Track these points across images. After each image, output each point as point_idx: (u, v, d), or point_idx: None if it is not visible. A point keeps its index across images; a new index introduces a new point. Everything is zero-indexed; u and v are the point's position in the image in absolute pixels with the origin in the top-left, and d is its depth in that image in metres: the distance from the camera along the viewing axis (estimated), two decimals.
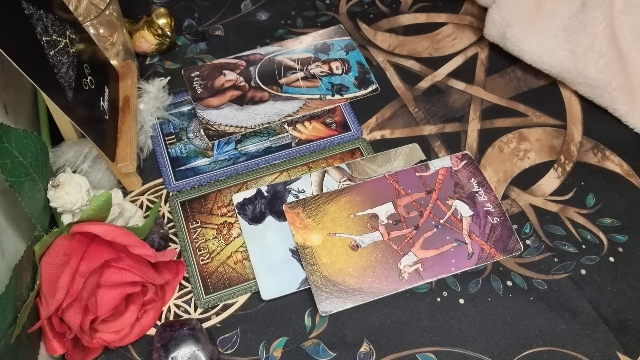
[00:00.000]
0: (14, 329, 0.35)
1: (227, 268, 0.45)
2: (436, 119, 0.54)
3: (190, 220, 0.48)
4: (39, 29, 0.39)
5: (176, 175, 0.51)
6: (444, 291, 0.44)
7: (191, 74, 0.58)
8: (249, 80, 0.57)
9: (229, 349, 0.42)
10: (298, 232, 0.46)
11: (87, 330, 0.38)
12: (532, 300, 0.43)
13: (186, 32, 0.62)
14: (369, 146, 0.52)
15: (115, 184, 0.49)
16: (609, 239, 0.46)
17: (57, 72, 0.40)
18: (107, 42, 0.53)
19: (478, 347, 0.41)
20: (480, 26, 0.61)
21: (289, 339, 0.42)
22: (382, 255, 0.45)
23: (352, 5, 0.64)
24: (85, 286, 0.37)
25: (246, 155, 0.52)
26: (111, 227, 0.39)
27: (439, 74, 0.58)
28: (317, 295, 0.43)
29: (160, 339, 0.40)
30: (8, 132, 0.38)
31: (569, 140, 0.52)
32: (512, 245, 0.45)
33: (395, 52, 0.60)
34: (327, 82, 0.57)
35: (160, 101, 0.54)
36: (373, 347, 0.42)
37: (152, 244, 0.45)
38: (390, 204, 0.47)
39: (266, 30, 0.62)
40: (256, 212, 0.48)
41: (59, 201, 0.41)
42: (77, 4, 0.52)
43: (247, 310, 0.44)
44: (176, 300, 0.44)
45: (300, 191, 0.49)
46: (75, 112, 0.41)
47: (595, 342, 0.41)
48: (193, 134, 0.53)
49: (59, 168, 0.46)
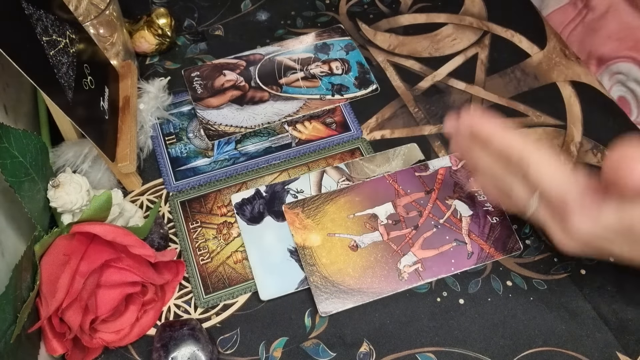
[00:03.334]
0: (14, 329, 0.35)
1: (227, 268, 0.45)
2: (436, 119, 0.54)
3: (190, 220, 0.48)
4: (39, 29, 0.39)
5: (176, 175, 0.51)
6: (444, 291, 0.44)
7: (191, 74, 0.58)
8: (249, 80, 0.57)
9: (229, 349, 0.42)
10: (297, 233, 0.46)
11: (87, 330, 0.38)
12: (531, 300, 0.43)
13: (186, 32, 0.62)
14: (368, 146, 0.52)
15: (115, 184, 0.49)
16: None
17: (57, 72, 0.40)
18: (107, 42, 0.53)
19: (478, 347, 0.41)
20: (480, 26, 0.61)
21: (289, 339, 0.42)
22: (382, 256, 0.45)
23: (352, 5, 0.64)
24: (85, 286, 0.37)
25: (246, 155, 0.52)
26: (111, 227, 0.39)
27: (439, 74, 0.58)
28: (316, 295, 0.43)
29: (160, 339, 0.40)
30: (8, 132, 0.38)
31: (569, 140, 0.52)
32: (511, 245, 0.45)
33: (395, 52, 0.60)
34: (327, 82, 0.57)
35: (160, 101, 0.54)
36: (373, 347, 0.42)
37: (152, 244, 0.45)
38: (390, 204, 0.47)
39: (266, 30, 0.62)
40: (255, 212, 0.48)
41: (59, 201, 0.41)
42: (77, 4, 0.52)
43: (247, 310, 0.44)
44: (176, 300, 0.44)
45: (299, 191, 0.49)
46: (75, 112, 0.41)
47: (595, 342, 0.41)
48: (193, 134, 0.53)
49: (59, 168, 0.46)
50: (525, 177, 0.36)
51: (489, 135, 0.37)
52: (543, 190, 0.36)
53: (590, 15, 0.58)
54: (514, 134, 0.36)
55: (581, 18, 0.59)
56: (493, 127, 0.37)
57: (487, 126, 0.37)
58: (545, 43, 0.60)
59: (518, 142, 0.36)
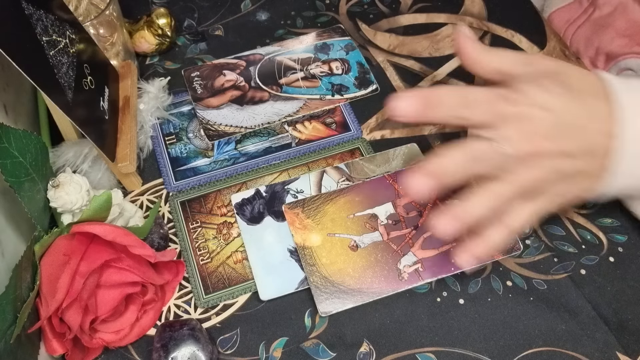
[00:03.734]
0: (14, 329, 0.35)
1: (227, 268, 0.45)
2: None
3: (190, 220, 0.48)
4: (39, 29, 0.39)
5: (176, 175, 0.51)
6: (444, 291, 0.44)
7: (191, 74, 0.58)
8: (249, 80, 0.57)
9: (229, 349, 0.42)
10: (297, 233, 0.46)
11: (87, 330, 0.38)
12: (531, 300, 0.43)
13: (186, 32, 0.62)
14: (368, 146, 0.52)
15: (115, 184, 0.49)
16: (609, 239, 0.46)
17: (57, 72, 0.40)
18: (107, 42, 0.53)
19: (478, 347, 0.41)
20: (480, 26, 0.61)
21: (289, 339, 0.42)
22: (382, 256, 0.45)
23: (352, 6, 0.64)
24: (85, 286, 0.37)
25: (246, 155, 0.52)
26: (111, 227, 0.39)
27: (439, 74, 0.58)
28: (316, 295, 0.43)
29: (160, 339, 0.40)
30: (8, 132, 0.38)
31: None
32: (511, 245, 0.45)
33: (395, 52, 0.60)
34: (327, 82, 0.57)
35: (160, 101, 0.54)
36: (373, 347, 0.42)
37: (152, 244, 0.45)
38: (390, 204, 0.47)
39: (266, 31, 0.62)
40: (254, 212, 0.48)
41: (59, 201, 0.41)
42: (77, 4, 0.52)
43: (247, 310, 0.44)
44: (176, 300, 0.44)
45: (299, 191, 0.49)
46: (75, 112, 0.41)
47: (595, 342, 0.41)
48: (193, 134, 0.53)
49: (59, 168, 0.46)
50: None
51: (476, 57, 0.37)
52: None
53: (597, 13, 0.58)
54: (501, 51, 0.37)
55: (587, 16, 0.59)
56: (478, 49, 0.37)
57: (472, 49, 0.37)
58: (545, 43, 0.60)
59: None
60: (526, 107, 0.35)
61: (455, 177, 0.35)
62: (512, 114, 0.34)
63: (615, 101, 0.36)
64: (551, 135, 0.35)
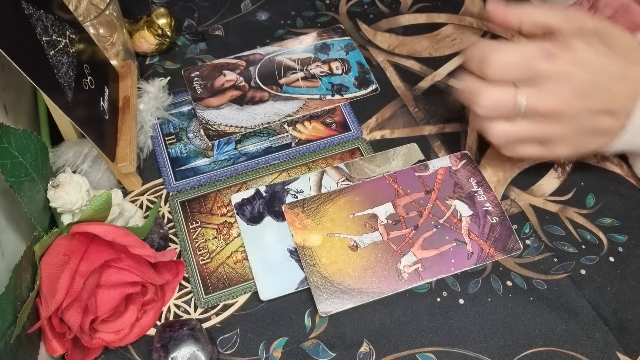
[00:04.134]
0: (14, 329, 0.35)
1: (227, 268, 0.45)
2: (436, 119, 0.54)
3: (190, 220, 0.48)
4: (39, 29, 0.39)
5: (176, 176, 0.51)
6: (444, 291, 0.44)
7: (191, 74, 0.58)
8: (249, 81, 0.57)
9: (229, 349, 0.42)
10: (297, 233, 0.46)
11: (87, 330, 0.38)
12: (531, 300, 0.43)
13: (186, 32, 0.62)
14: (368, 146, 0.52)
15: (115, 184, 0.49)
16: (609, 239, 0.46)
17: (57, 72, 0.40)
18: (107, 42, 0.53)
19: (478, 347, 0.41)
20: (480, 26, 0.61)
21: (288, 339, 0.42)
22: (382, 256, 0.45)
23: (352, 6, 0.64)
24: (85, 286, 0.37)
25: (246, 155, 0.52)
26: (111, 227, 0.39)
27: (439, 74, 0.58)
28: (316, 295, 0.43)
29: (160, 339, 0.40)
30: (8, 132, 0.38)
31: None
32: (511, 245, 0.45)
33: (395, 52, 0.60)
34: (327, 82, 0.57)
35: (160, 101, 0.54)
36: (373, 347, 0.42)
37: (152, 244, 0.45)
38: (390, 204, 0.47)
39: (266, 30, 0.62)
40: (254, 212, 0.48)
41: (59, 201, 0.41)
42: (77, 4, 0.52)
43: (247, 310, 0.44)
44: (176, 300, 0.44)
45: (299, 191, 0.49)
46: (75, 112, 0.41)
47: (595, 342, 0.41)
48: (193, 134, 0.53)
49: (59, 168, 0.46)
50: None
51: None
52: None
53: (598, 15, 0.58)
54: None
55: None
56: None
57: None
58: None
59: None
60: (568, 65, 0.37)
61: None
62: (553, 73, 0.37)
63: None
64: (583, 96, 0.37)
